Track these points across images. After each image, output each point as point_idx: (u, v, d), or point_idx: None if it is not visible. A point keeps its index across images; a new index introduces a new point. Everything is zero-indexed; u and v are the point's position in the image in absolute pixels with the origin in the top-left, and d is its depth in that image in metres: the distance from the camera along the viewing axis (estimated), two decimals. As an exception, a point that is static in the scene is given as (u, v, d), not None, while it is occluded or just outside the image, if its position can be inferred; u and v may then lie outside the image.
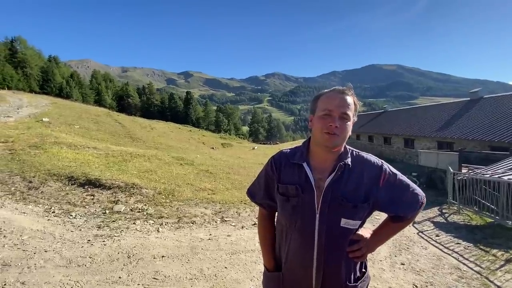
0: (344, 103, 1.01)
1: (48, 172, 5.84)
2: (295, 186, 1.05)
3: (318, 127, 1.02)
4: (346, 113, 1.00)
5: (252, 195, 1.26)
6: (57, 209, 4.40)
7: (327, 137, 0.99)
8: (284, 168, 1.11)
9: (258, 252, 3.47)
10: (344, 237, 1.03)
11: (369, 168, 1.05)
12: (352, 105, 1.03)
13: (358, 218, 1.03)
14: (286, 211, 1.08)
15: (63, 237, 3.40)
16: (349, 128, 1.02)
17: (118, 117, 29.18)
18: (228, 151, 30.08)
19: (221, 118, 67.75)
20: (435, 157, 11.80)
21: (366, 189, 1.02)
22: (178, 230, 4.09)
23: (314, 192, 1.02)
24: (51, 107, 23.20)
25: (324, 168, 1.05)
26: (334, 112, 0.99)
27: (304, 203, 1.03)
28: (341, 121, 0.99)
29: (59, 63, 59.38)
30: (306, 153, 1.10)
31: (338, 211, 1.00)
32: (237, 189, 7.23)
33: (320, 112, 1.03)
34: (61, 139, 9.67)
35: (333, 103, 1.01)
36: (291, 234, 1.06)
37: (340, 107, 1.00)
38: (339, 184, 1.01)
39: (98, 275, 2.60)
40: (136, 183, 5.78)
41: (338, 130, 0.98)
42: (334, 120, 0.98)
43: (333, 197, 1.00)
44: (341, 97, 1.02)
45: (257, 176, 1.25)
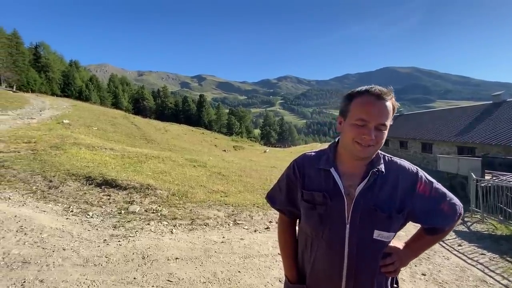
0: (383, 112, 0.89)
1: (67, 172, 6.02)
2: (322, 193, 0.97)
3: (349, 136, 0.92)
4: (384, 124, 0.89)
5: (272, 201, 1.18)
6: (75, 208, 4.51)
7: (360, 148, 0.90)
8: (308, 173, 1.03)
9: (272, 257, 3.40)
10: (377, 250, 0.95)
11: (404, 176, 0.96)
12: (391, 111, 0.91)
13: (392, 230, 0.95)
14: (311, 219, 0.99)
15: (80, 236, 3.47)
16: (385, 137, 0.92)
17: (134, 119, 29.97)
18: (239, 154, 30.17)
19: (233, 121, 68.21)
20: (455, 163, 11.32)
21: (401, 198, 0.94)
22: (192, 232, 4.09)
23: (344, 200, 0.94)
24: (71, 109, 24.13)
25: (354, 174, 0.96)
26: (370, 123, 0.88)
27: (333, 212, 0.95)
28: (378, 132, 0.89)
29: (79, 67, 62.01)
30: (333, 158, 1.01)
31: (370, 221, 0.92)
32: (249, 192, 7.19)
33: (353, 120, 0.91)
34: (80, 140, 10.00)
35: (370, 113, 0.88)
36: (317, 244, 0.99)
37: (378, 118, 0.88)
38: (372, 192, 0.93)
39: (114, 275, 2.62)
40: (150, 184, 5.86)
41: (373, 141, 0.89)
42: (370, 132, 0.88)
43: (365, 206, 0.92)
44: (380, 104, 0.89)
45: (277, 180, 1.17)
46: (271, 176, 9.69)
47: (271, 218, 5.15)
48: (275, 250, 3.62)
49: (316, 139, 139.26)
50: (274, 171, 11.09)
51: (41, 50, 52.98)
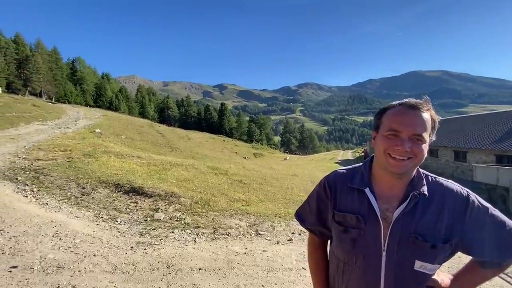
0: (417, 122, 0.80)
1: (98, 179, 6.36)
2: (356, 215, 0.89)
3: (381, 148, 0.84)
4: (420, 134, 0.80)
5: (301, 219, 1.11)
6: (105, 215, 4.72)
7: (393, 162, 0.81)
8: (340, 193, 0.96)
9: (295, 271, 3.30)
10: (419, 284, 0.85)
11: (452, 199, 0.85)
12: (429, 123, 0.82)
13: (437, 262, 0.84)
14: (344, 244, 0.92)
15: (109, 243, 3.60)
16: (424, 151, 0.82)
17: (159, 128, 31.20)
18: (260, 161, 30.18)
19: (253, 128, 68.65)
20: (494, 173, 10.44)
21: (447, 226, 0.83)
22: (214, 242, 4.09)
23: (380, 225, 0.85)
24: (102, 119, 25.68)
25: (392, 196, 0.87)
26: (403, 133, 0.80)
27: (367, 237, 0.87)
28: (413, 143, 0.80)
29: (110, 79, 66.30)
30: (368, 176, 0.93)
31: (411, 251, 0.82)
32: (271, 201, 7.12)
33: (384, 131, 0.84)
34: (110, 148, 10.56)
35: (402, 122, 0.81)
36: (350, 271, 0.91)
37: (411, 127, 0.80)
38: (413, 217, 0.83)
39: (140, 283, 2.67)
40: (175, 192, 6.00)
41: (408, 154, 0.80)
42: (403, 142, 0.80)
43: (404, 233, 0.82)
44: (414, 113, 0.81)
45: (307, 198, 1.11)
46: (292, 185, 9.54)
47: (293, 229, 5.04)
48: (299, 264, 3.51)
49: (338, 146, 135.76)
50: (295, 179, 10.92)
51: (77, 64, 57.51)
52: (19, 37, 47.45)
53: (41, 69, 44.71)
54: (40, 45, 49.56)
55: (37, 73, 44.08)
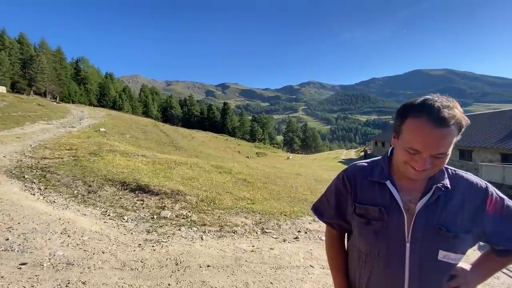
0: (439, 143, 0.75)
1: (104, 177, 6.39)
2: (379, 208, 0.89)
3: (401, 158, 0.84)
4: (441, 153, 0.78)
5: (319, 213, 1.12)
6: (112, 213, 4.74)
7: (413, 172, 0.82)
8: (361, 186, 0.96)
9: (303, 268, 3.29)
10: (443, 273, 0.86)
11: (472, 191, 0.87)
12: (454, 135, 0.77)
13: (460, 251, 0.85)
14: (366, 236, 0.92)
15: (117, 240, 3.62)
16: (445, 162, 0.82)
17: (163, 127, 31.33)
18: (263, 160, 30.18)
19: (256, 128, 68.66)
20: (500, 171, 10.33)
21: (469, 217, 0.85)
22: (221, 239, 4.09)
23: (404, 216, 0.86)
24: (107, 118, 25.83)
25: (413, 188, 0.88)
26: (424, 153, 0.77)
27: (391, 229, 0.87)
28: (435, 160, 0.79)
29: (114, 79, 66.57)
30: (388, 170, 0.93)
31: (435, 241, 0.84)
32: (276, 199, 7.10)
33: (405, 145, 0.81)
34: (115, 147, 10.61)
35: (424, 143, 0.76)
36: (373, 263, 0.91)
37: (433, 148, 0.76)
38: (435, 209, 0.85)
39: (150, 280, 2.68)
40: (180, 190, 6.02)
41: (428, 167, 0.79)
42: (424, 162, 0.78)
43: (428, 223, 0.84)
44: (438, 133, 0.75)
45: (324, 192, 1.11)
46: (296, 183, 9.51)
47: (299, 228, 5.02)
48: (307, 262, 3.49)
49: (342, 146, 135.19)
50: (299, 178, 10.89)
51: (81, 64, 57.85)
52: (23, 37, 47.83)
53: (46, 69, 45.06)
54: (44, 45, 49.96)
55: (41, 73, 44.44)
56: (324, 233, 5.11)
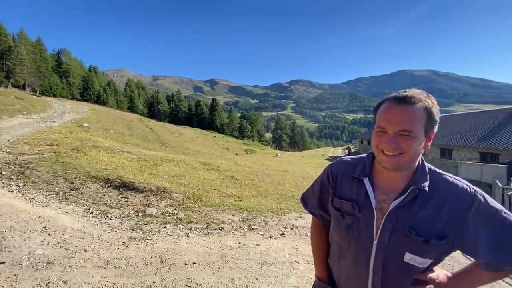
0: (401, 118, 0.79)
1: (87, 174, 6.21)
2: (352, 203, 0.92)
3: (373, 144, 0.86)
4: (406, 130, 0.78)
5: (305, 202, 1.16)
6: (95, 210, 4.63)
7: (384, 158, 0.82)
8: (341, 180, 0.99)
9: (289, 264, 3.34)
10: (407, 275, 0.85)
11: (455, 197, 0.83)
12: (420, 116, 0.80)
13: (429, 257, 0.83)
14: (339, 229, 0.96)
15: (100, 238, 3.54)
16: (416, 146, 0.80)
17: (149, 123, 30.67)
18: (251, 158, 30.22)
19: (245, 125, 68.51)
20: (478, 169, 10.84)
21: (446, 223, 0.81)
22: (207, 236, 4.09)
23: (374, 215, 0.87)
24: (90, 113, 25.02)
25: (391, 189, 0.88)
26: (389, 130, 0.80)
27: (360, 225, 0.89)
28: (401, 139, 0.79)
29: (98, 73, 64.42)
30: (370, 167, 0.94)
31: (402, 243, 0.83)
32: (263, 196, 7.15)
33: (375, 127, 0.85)
34: (98, 143, 10.32)
35: (388, 119, 0.81)
36: (344, 255, 0.95)
37: (396, 124, 0.79)
38: (409, 211, 0.83)
39: (134, 278, 2.65)
40: (166, 187, 5.94)
41: (397, 151, 0.79)
42: (389, 140, 0.80)
43: (398, 225, 0.83)
44: (400, 109, 0.80)
45: (312, 183, 1.16)
46: (283, 180, 9.60)
47: (286, 224, 5.09)
48: (292, 258, 3.55)
49: (329, 143, 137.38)
50: (287, 175, 10.99)
51: (62, 56, 55.51)
52: (0, 27, 45.36)
53: (25, 61, 42.92)
54: (23, 36, 47.52)
55: (20, 65, 42.31)
56: (309, 229, 5.22)
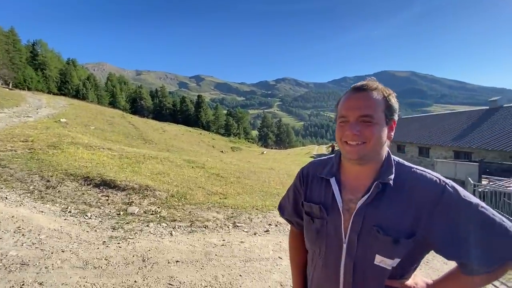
0: (360, 103, 0.77)
1: (65, 171, 5.96)
2: (319, 206, 0.87)
3: (337, 137, 0.83)
4: (367, 115, 0.76)
5: (281, 210, 1.10)
6: (73, 209, 4.46)
7: (348, 148, 0.78)
8: (311, 183, 0.94)
9: (272, 260, 3.39)
10: (379, 278, 0.78)
11: (422, 189, 0.75)
12: (379, 101, 0.78)
13: (397, 256, 0.75)
14: (309, 234, 0.90)
15: (79, 238, 3.43)
16: (378, 132, 0.77)
17: (131, 119, 29.81)
18: (237, 155, 30.16)
19: (231, 122, 68.14)
20: (452, 167, 11.43)
21: (413, 219, 0.74)
22: (191, 234, 4.06)
23: (341, 216, 0.81)
24: (68, 108, 23.93)
25: (358, 186, 0.82)
26: (350, 117, 0.78)
27: (329, 228, 0.84)
28: (363, 126, 0.76)
29: (77, 66, 61.56)
30: (338, 166, 0.89)
31: (371, 244, 0.77)
32: (248, 194, 7.18)
33: (338, 119, 0.83)
34: (77, 139, 9.92)
35: (348, 106, 0.79)
36: (316, 262, 0.89)
37: (356, 110, 0.77)
38: (376, 209, 0.77)
39: (114, 278, 2.59)
40: (149, 185, 5.82)
41: (360, 139, 0.76)
42: (350, 127, 0.77)
43: (365, 225, 0.77)
44: (358, 96, 0.79)
45: (288, 188, 1.09)
46: (269, 178, 9.69)
47: (270, 221, 5.14)
48: (276, 254, 3.60)
49: (314, 141, 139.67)
50: (272, 173, 11.09)
51: (38, 47, 52.52)
52: (-32, 14, 42.16)
53: (-4, 51, 40.33)
54: (-6, 25, 44.54)
55: (-9, 55, 39.72)
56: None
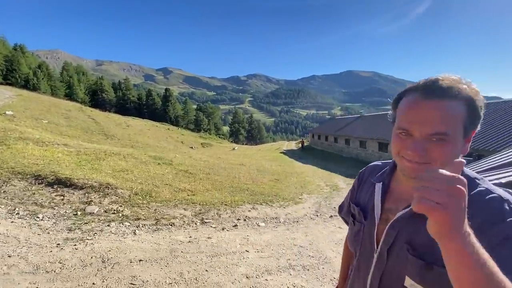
0: (434, 116, 0.59)
1: (11, 170, 5.39)
2: (359, 209, 0.84)
3: (393, 149, 0.67)
4: (439, 133, 0.58)
5: (340, 208, 1.07)
6: (22, 211, 4.07)
7: (408, 165, 0.62)
8: (364, 185, 0.90)
9: (239, 254, 3.45)
10: None
11: (482, 213, 0.58)
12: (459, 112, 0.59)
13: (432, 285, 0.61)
14: (350, 235, 0.88)
15: (29, 241, 3.15)
16: (451, 152, 0.59)
17: (91, 113, 27.69)
18: (208, 151, 29.69)
19: (201, 117, 66.71)
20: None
21: None
22: (156, 233, 3.96)
23: (375, 224, 0.75)
24: (16, 99, 21.47)
25: (406, 197, 0.70)
26: (415, 131, 0.60)
27: (364, 234, 0.79)
28: (431, 145, 0.59)
29: (26, 53, 55.16)
30: (391, 171, 0.79)
31: (402, 263, 0.66)
32: (218, 190, 7.15)
33: (396, 128, 0.66)
34: (26, 134, 8.98)
35: (414, 118, 0.61)
36: (353, 263, 0.87)
37: (426, 125, 0.59)
38: (414, 224, 0.65)
39: (69, 281, 2.44)
40: (110, 183, 5.52)
41: (424, 159, 0.60)
42: (414, 146, 0.60)
43: (398, 240, 0.67)
44: (431, 105, 0.59)
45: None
46: (239, 174, 9.72)
47: (239, 215, 5.20)
48: (243, 247, 3.67)
49: (284, 137, 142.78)
50: (243, 168, 11.14)
51: (-24, 29, 46.07)
52: None
53: None
54: None
55: None
56: (262, 219, 5.36)
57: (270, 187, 8.04)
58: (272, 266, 3.18)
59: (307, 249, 3.82)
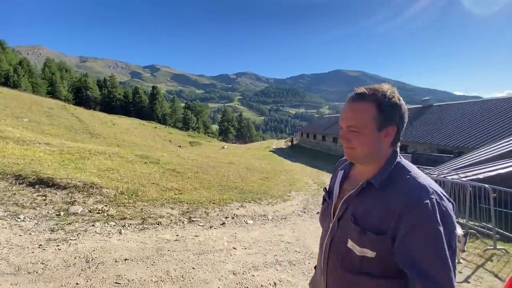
0: (348, 115, 0.86)
1: (-11, 170, 5.19)
2: (325, 191, 1.07)
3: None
4: (352, 126, 0.85)
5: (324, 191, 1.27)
6: (2, 211, 3.94)
7: (345, 150, 0.90)
8: (335, 173, 1.11)
9: (226, 251, 3.48)
10: (350, 260, 0.86)
11: (401, 195, 0.78)
12: (368, 111, 0.82)
13: (371, 248, 0.80)
14: (320, 213, 1.09)
15: (9, 242, 3.06)
16: (366, 140, 0.83)
17: (75, 111, 26.87)
18: (196, 150, 29.44)
19: (190, 116, 65.96)
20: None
21: (382, 219, 0.79)
22: (143, 232, 3.92)
23: (333, 202, 0.98)
24: (-6, 96, 20.56)
25: (357, 181, 0.92)
26: (342, 125, 0.89)
27: (327, 211, 1.01)
28: (350, 135, 0.85)
29: (6, 49, 52.74)
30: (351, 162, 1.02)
31: (347, 229, 0.88)
32: (206, 188, 7.13)
33: None
34: (6, 133, 8.65)
35: (341, 116, 0.89)
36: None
37: (344, 120, 0.87)
38: (358, 201, 0.88)
39: (52, 282, 2.39)
40: (95, 183, 5.41)
41: (349, 145, 0.87)
42: (342, 134, 0.88)
43: (346, 213, 0.90)
44: (349, 106, 0.86)
45: None
46: (228, 172, 9.71)
47: (227, 213, 5.22)
48: (230, 245, 3.70)
49: (273, 136, 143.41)
50: (232, 167, 11.14)
51: (-50, 23, 43.62)
52: None
53: None
54: None
55: None
56: (250, 217, 5.40)
57: (259, 185, 8.10)
58: (259, 262, 3.23)
59: (294, 245, 3.90)
